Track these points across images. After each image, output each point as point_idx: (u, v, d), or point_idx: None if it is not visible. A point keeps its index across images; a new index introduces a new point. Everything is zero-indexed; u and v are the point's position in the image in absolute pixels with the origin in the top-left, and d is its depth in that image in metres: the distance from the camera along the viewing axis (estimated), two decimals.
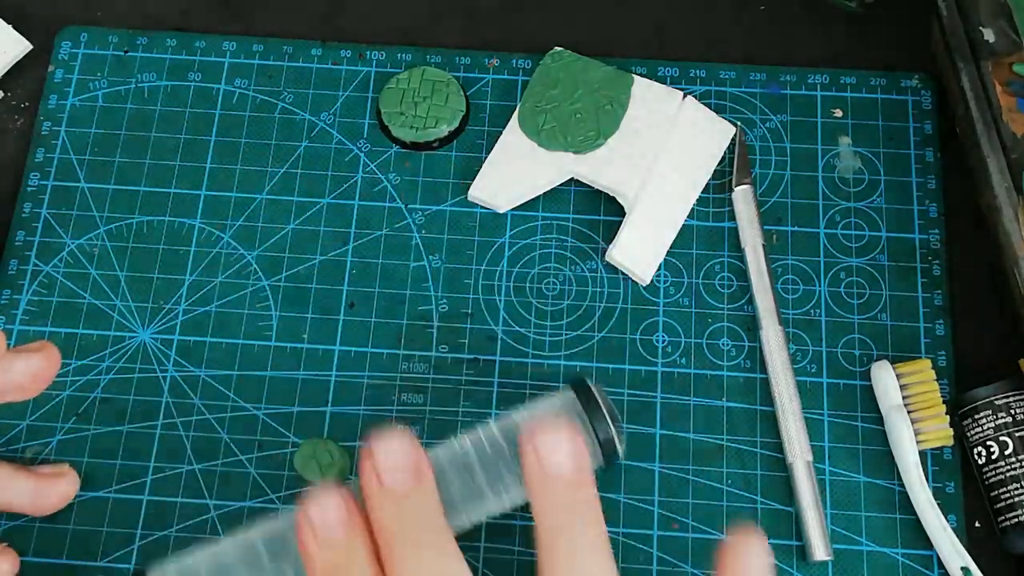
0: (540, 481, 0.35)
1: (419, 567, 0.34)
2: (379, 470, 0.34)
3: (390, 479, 0.34)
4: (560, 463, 0.34)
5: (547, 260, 0.47)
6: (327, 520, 0.34)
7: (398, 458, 0.35)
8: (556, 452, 0.34)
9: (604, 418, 0.39)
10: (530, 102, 0.48)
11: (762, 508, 0.43)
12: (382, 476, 0.34)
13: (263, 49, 0.50)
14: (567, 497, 0.34)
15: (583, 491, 0.35)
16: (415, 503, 0.35)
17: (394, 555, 0.34)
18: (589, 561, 0.34)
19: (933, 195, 0.47)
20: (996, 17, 0.45)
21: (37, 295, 0.46)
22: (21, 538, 0.42)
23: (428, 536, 0.34)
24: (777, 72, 0.49)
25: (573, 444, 0.35)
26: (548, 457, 0.34)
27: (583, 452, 0.35)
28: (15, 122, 0.50)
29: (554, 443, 0.35)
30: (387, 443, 0.35)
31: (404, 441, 0.35)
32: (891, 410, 0.43)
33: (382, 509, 0.34)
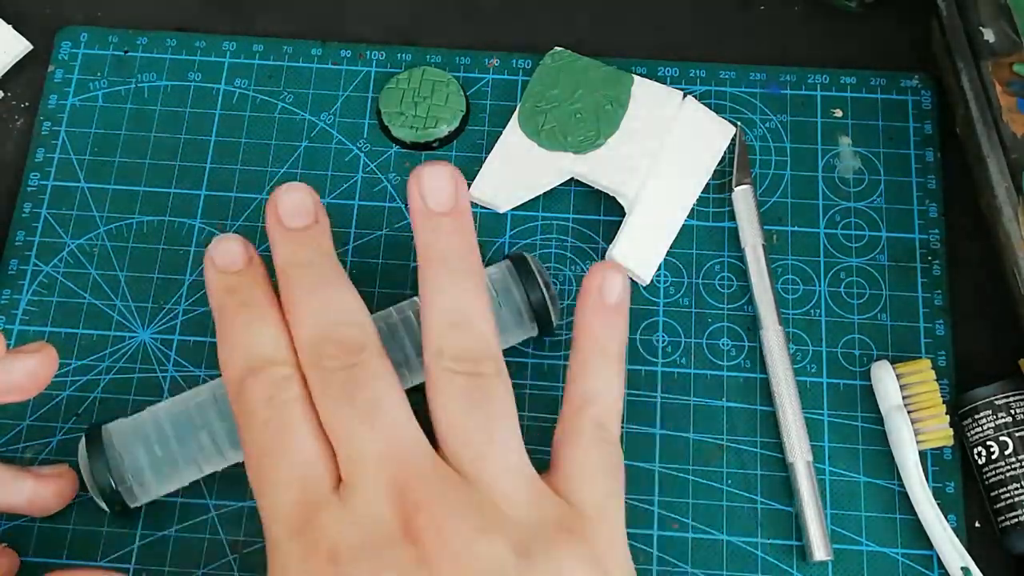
0: (423, 215, 0.37)
1: (312, 300, 0.36)
2: (279, 211, 0.38)
3: (288, 217, 0.38)
4: (442, 195, 0.37)
5: (547, 260, 0.47)
6: (227, 249, 0.38)
7: (297, 201, 0.38)
8: (438, 187, 0.37)
9: (538, 285, 0.41)
10: (530, 102, 0.48)
11: (762, 508, 0.43)
12: (281, 215, 0.38)
13: (263, 49, 0.50)
14: (447, 231, 0.37)
15: (464, 229, 0.38)
16: (310, 241, 0.38)
17: (290, 289, 0.37)
18: (463, 283, 0.37)
19: (933, 195, 0.47)
20: (996, 17, 0.45)
21: (37, 295, 0.46)
22: (21, 538, 0.42)
23: (321, 271, 0.37)
24: (777, 72, 0.49)
25: (455, 181, 0.38)
26: (430, 192, 0.37)
27: (465, 191, 0.38)
28: (15, 122, 0.50)
29: (436, 179, 0.38)
30: (287, 189, 0.38)
31: (303, 188, 0.38)
32: (891, 410, 0.43)
33: (279, 246, 0.38)
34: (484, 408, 0.35)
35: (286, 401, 0.35)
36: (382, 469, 0.34)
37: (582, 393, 0.37)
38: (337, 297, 0.37)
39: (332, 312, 0.36)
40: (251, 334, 0.36)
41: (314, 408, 0.35)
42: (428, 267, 0.37)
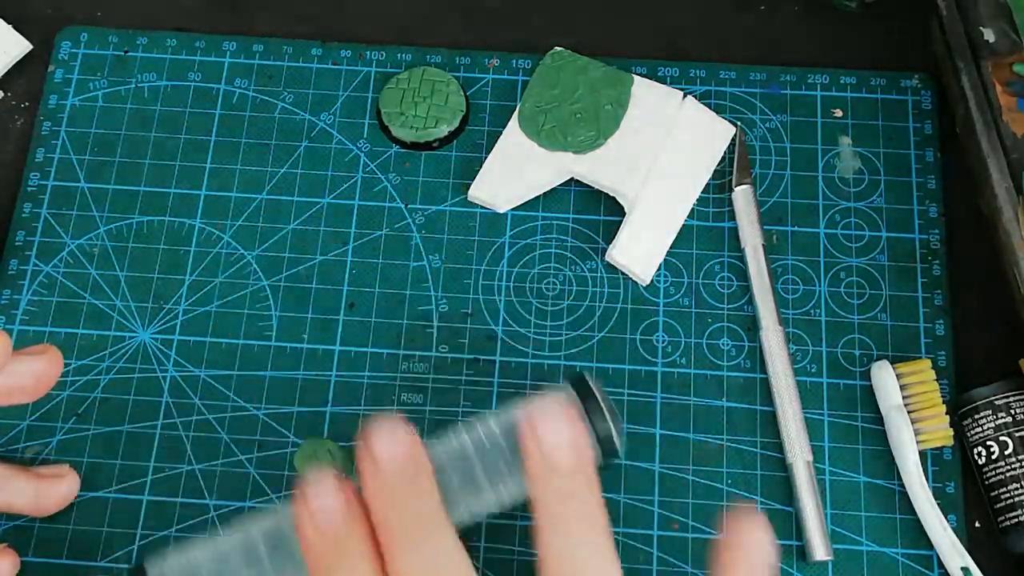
0: (541, 470, 0.34)
1: (420, 559, 0.33)
2: (376, 458, 0.34)
3: (387, 466, 0.34)
4: (561, 451, 0.34)
5: (547, 260, 0.47)
6: (325, 506, 0.34)
7: (395, 446, 0.34)
8: (557, 440, 0.34)
9: (603, 415, 0.38)
10: (530, 102, 0.48)
11: (762, 508, 0.43)
12: (379, 463, 0.34)
13: (263, 49, 0.50)
14: (567, 487, 0.34)
15: (583, 481, 0.34)
16: (414, 493, 0.34)
17: (394, 546, 0.33)
18: (589, 552, 0.33)
19: (933, 195, 0.47)
20: (996, 17, 0.45)
21: (37, 295, 0.46)
22: (21, 538, 0.42)
23: (428, 527, 0.34)
24: (777, 72, 0.49)
25: (573, 432, 0.34)
26: (549, 445, 0.34)
27: (583, 440, 0.34)
28: (15, 122, 0.50)
29: (554, 431, 0.34)
30: (383, 431, 0.34)
31: (400, 429, 0.34)
32: (891, 410, 0.43)
33: (381, 498, 0.34)
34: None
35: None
36: None
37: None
38: (443, 557, 0.34)
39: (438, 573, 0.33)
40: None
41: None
42: (550, 530, 0.34)
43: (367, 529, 0.34)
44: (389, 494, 0.34)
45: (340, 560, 0.34)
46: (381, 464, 0.34)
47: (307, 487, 0.34)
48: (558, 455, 0.34)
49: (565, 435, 0.34)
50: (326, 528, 0.34)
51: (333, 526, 0.34)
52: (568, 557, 0.33)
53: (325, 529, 0.34)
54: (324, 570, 0.34)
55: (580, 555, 0.33)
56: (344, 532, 0.34)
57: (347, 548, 0.34)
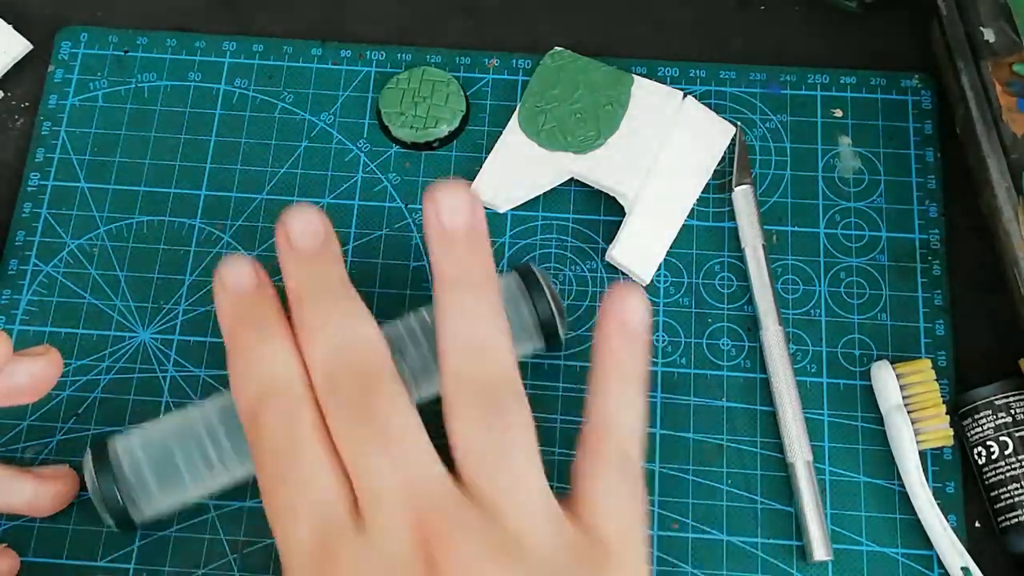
0: (438, 235, 0.37)
1: (325, 324, 0.36)
2: (289, 233, 0.37)
3: (299, 240, 0.37)
4: (458, 218, 0.36)
5: (547, 260, 0.47)
6: (237, 276, 0.37)
7: (307, 223, 0.37)
8: (455, 207, 0.37)
9: (545, 298, 0.41)
10: (530, 102, 0.48)
11: (762, 508, 0.43)
12: (291, 238, 0.37)
13: (263, 49, 0.50)
14: (464, 251, 0.36)
15: (481, 251, 0.37)
16: (322, 263, 0.37)
17: (303, 313, 0.36)
18: (481, 306, 0.36)
19: (933, 195, 0.47)
20: (996, 17, 0.45)
21: (37, 295, 0.46)
22: (21, 538, 0.42)
23: (334, 294, 0.36)
24: (777, 72, 0.49)
25: (472, 202, 0.37)
26: (446, 212, 0.36)
27: (482, 214, 0.37)
28: (15, 122, 0.50)
29: (453, 199, 0.37)
30: (298, 210, 0.37)
31: (313, 210, 0.38)
32: (891, 410, 0.43)
33: (291, 269, 0.37)
34: (504, 436, 0.34)
35: (300, 428, 0.34)
36: (400, 499, 0.33)
37: (604, 420, 0.36)
38: (350, 319, 0.36)
39: (346, 334, 0.35)
40: (263, 358, 0.36)
41: (329, 435, 0.34)
42: (443, 289, 0.36)
43: (278, 301, 0.37)
44: (299, 262, 0.37)
45: (252, 322, 0.36)
46: (293, 237, 0.37)
47: (223, 265, 0.38)
48: (454, 222, 0.36)
49: (463, 203, 0.37)
50: (238, 294, 0.37)
51: (245, 292, 0.37)
52: (462, 315, 0.35)
53: (237, 296, 0.37)
54: (237, 335, 0.37)
55: (472, 312, 0.36)
56: (255, 297, 0.37)
57: (258, 310, 0.37)
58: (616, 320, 0.37)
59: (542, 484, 0.34)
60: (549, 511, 0.34)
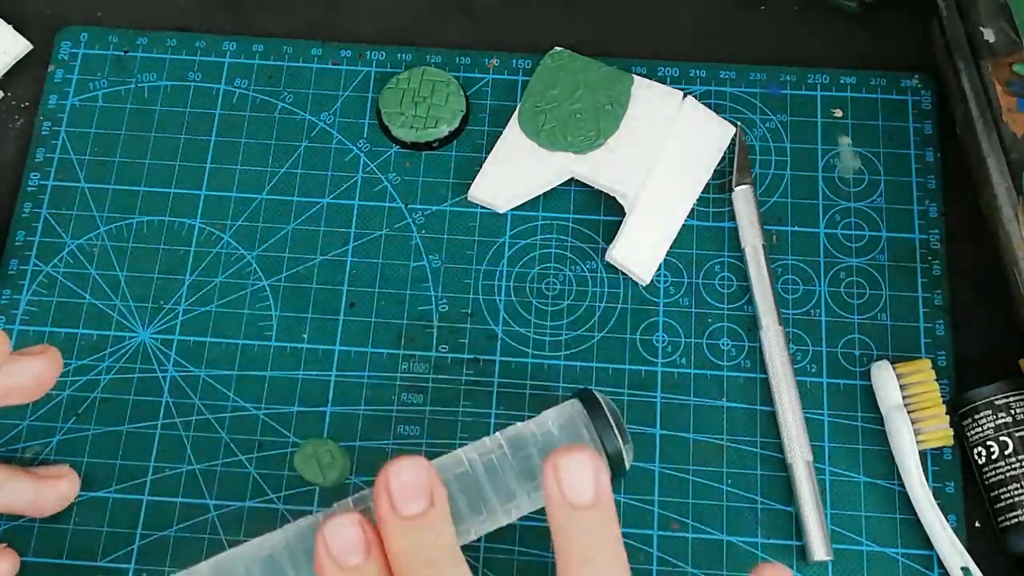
0: (562, 510, 0.34)
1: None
2: (392, 496, 0.34)
3: (403, 505, 0.34)
4: (583, 492, 0.34)
5: (547, 260, 0.47)
6: (344, 544, 0.34)
7: (412, 483, 0.34)
8: (579, 481, 0.34)
9: (612, 430, 0.39)
10: (530, 102, 0.48)
11: (762, 508, 0.43)
12: (395, 502, 0.34)
13: (263, 49, 0.50)
14: (589, 527, 0.34)
15: (605, 519, 0.34)
16: (428, 529, 0.34)
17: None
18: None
19: (933, 195, 0.47)
20: (996, 17, 0.45)
21: (37, 295, 0.46)
22: (21, 538, 0.42)
23: (441, 562, 0.34)
24: (777, 72, 0.49)
25: (595, 472, 0.34)
26: (571, 486, 0.34)
27: (605, 479, 0.34)
28: (15, 122, 0.50)
29: (578, 471, 0.34)
30: (400, 467, 0.34)
31: (418, 464, 0.34)
32: (891, 410, 0.43)
33: (395, 534, 0.34)
34: None
35: None
36: None
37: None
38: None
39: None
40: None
41: None
42: (570, 567, 0.34)
43: (384, 563, 0.34)
44: (404, 528, 0.34)
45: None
46: (397, 501, 0.34)
47: (328, 522, 0.34)
48: (580, 496, 0.34)
49: (587, 475, 0.34)
50: (345, 565, 0.34)
51: (351, 563, 0.34)
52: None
53: (344, 566, 0.34)
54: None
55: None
56: (362, 568, 0.34)
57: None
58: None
59: None
60: None
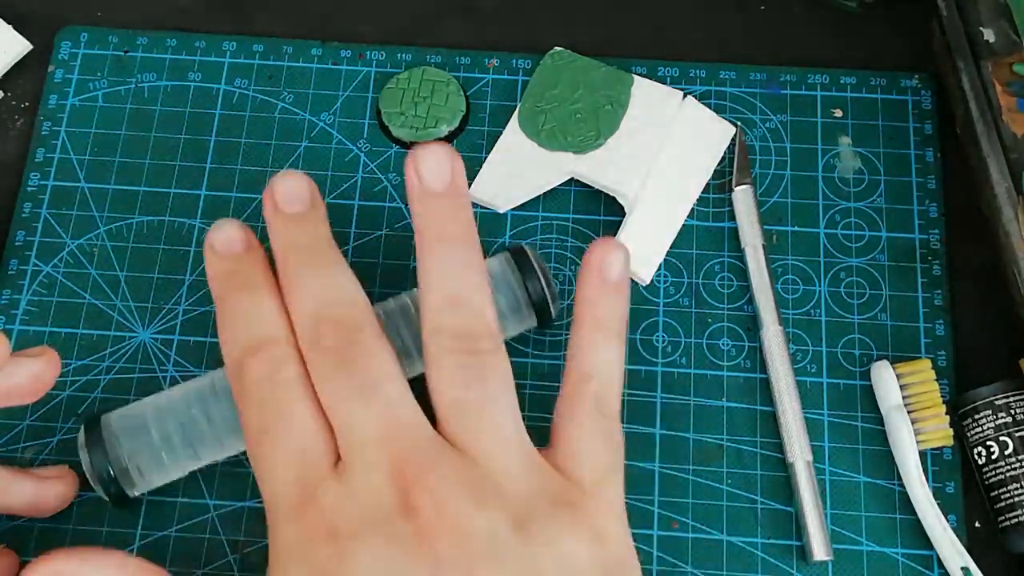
0: (419, 195, 0.38)
1: (310, 280, 0.37)
2: (276, 197, 0.38)
3: (285, 203, 0.38)
4: (439, 177, 0.37)
5: (547, 260, 0.47)
6: (225, 236, 0.38)
7: (293, 187, 0.38)
8: (436, 168, 0.37)
9: (537, 277, 0.41)
10: (530, 102, 0.48)
11: (762, 508, 0.43)
12: (278, 201, 0.38)
13: (263, 49, 0.50)
14: (443, 209, 0.37)
15: (460, 204, 0.38)
16: (307, 225, 0.38)
17: (288, 272, 0.37)
18: (462, 263, 0.37)
19: (933, 195, 0.47)
20: (996, 17, 0.45)
21: (37, 295, 0.46)
22: (21, 538, 0.42)
23: (319, 254, 0.38)
24: (777, 72, 0.49)
25: (451, 162, 0.38)
26: (428, 173, 0.37)
27: (460, 170, 0.38)
28: (15, 122, 0.50)
29: (434, 160, 0.37)
30: (284, 176, 0.39)
31: (299, 175, 0.39)
32: (891, 410, 0.43)
33: (277, 230, 0.38)
34: (482, 384, 0.35)
35: (284, 380, 0.36)
36: (380, 446, 0.34)
37: (582, 369, 0.37)
38: (334, 278, 0.37)
39: (329, 293, 0.37)
40: (250, 315, 0.37)
41: (313, 388, 0.36)
42: (425, 246, 0.37)
43: (266, 261, 0.38)
44: (284, 224, 0.38)
45: (240, 282, 0.38)
46: (279, 201, 0.38)
47: (212, 229, 0.39)
48: (435, 182, 0.37)
49: (443, 162, 0.38)
50: (227, 256, 0.38)
51: (234, 254, 0.38)
52: (442, 270, 0.37)
53: (227, 257, 0.38)
54: (226, 294, 0.38)
55: (453, 266, 0.37)
56: (243, 257, 0.38)
57: (246, 271, 0.38)
58: (595, 272, 0.38)
59: (519, 431, 0.36)
60: (526, 456, 0.35)
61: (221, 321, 0.38)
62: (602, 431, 0.36)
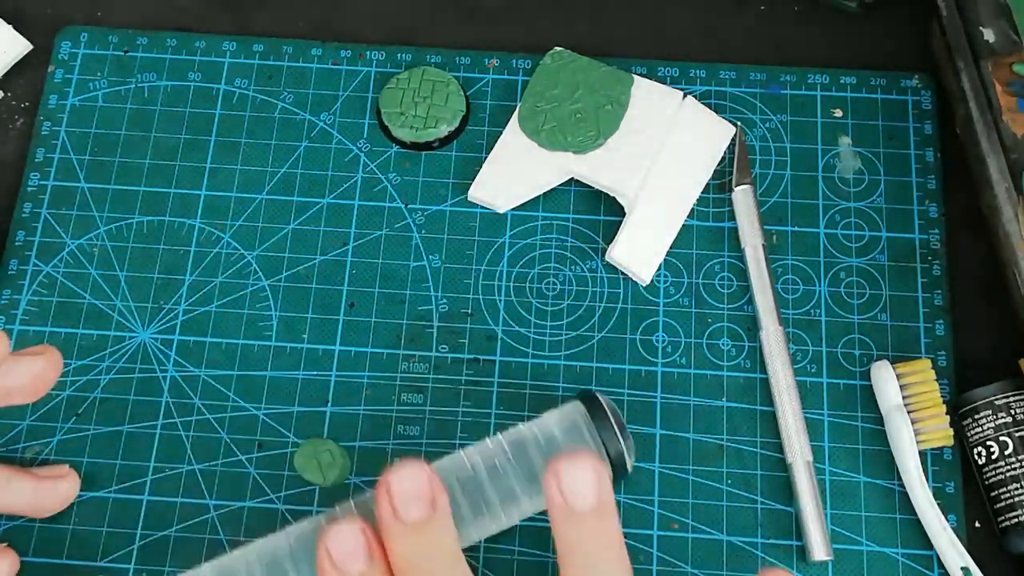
0: (564, 516, 0.34)
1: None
2: (395, 501, 0.34)
3: (405, 511, 0.34)
4: (585, 498, 0.34)
5: (547, 260, 0.47)
6: (347, 550, 0.34)
7: (414, 488, 0.34)
8: (582, 486, 0.34)
9: (614, 432, 0.39)
10: (530, 102, 0.48)
11: (762, 508, 0.43)
12: (397, 507, 0.34)
13: (263, 49, 0.50)
14: (591, 533, 0.34)
15: (608, 525, 0.34)
16: (430, 534, 0.34)
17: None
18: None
19: (933, 195, 0.47)
20: (996, 17, 0.45)
21: (37, 295, 0.46)
22: (21, 538, 0.42)
23: (444, 567, 0.34)
24: (777, 72, 0.49)
25: (598, 478, 0.34)
26: (573, 492, 0.34)
27: (607, 484, 0.34)
28: (15, 122, 0.50)
29: (580, 477, 0.34)
30: (402, 472, 0.34)
31: (419, 470, 0.34)
32: (891, 410, 0.43)
33: (398, 540, 0.34)
34: None
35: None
36: None
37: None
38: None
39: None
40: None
41: None
42: (573, 572, 0.34)
43: (386, 569, 0.34)
44: (406, 534, 0.34)
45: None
46: (399, 506, 0.34)
47: (329, 528, 0.34)
48: (583, 502, 0.34)
49: (590, 481, 0.34)
50: (347, 569, 0.34)
51: (353, 570, 0.34)
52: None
53: (346, 570, 0.34)
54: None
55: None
56: (365, 574, 0.34)
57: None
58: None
59: None
60: None
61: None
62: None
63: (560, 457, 0.34)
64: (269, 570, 0.36)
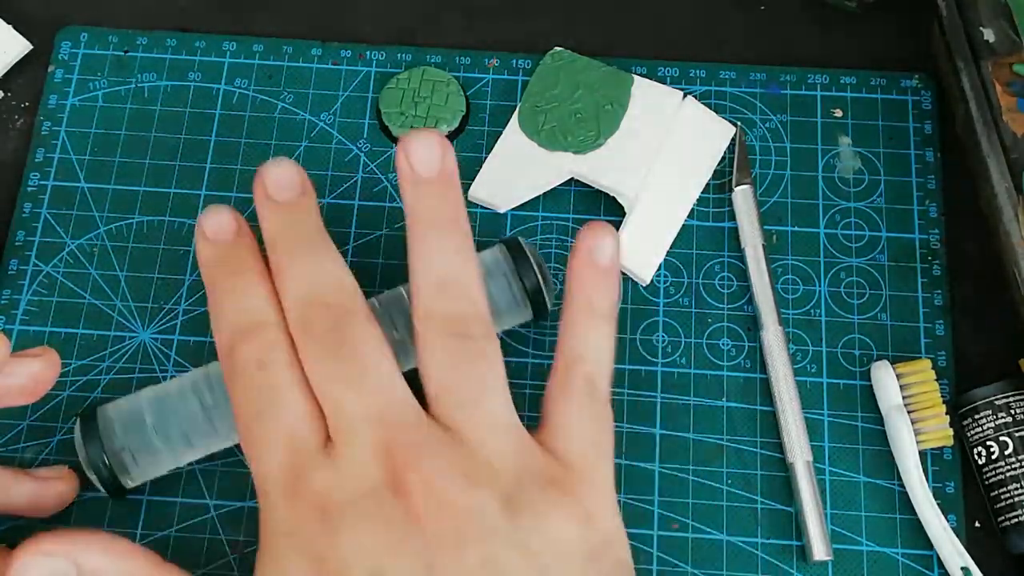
0: (410, 181, 0.38)
1: (300, 267, 0.37)
2: (266, 184, 0.38)
3: (275, 191, 0.38)
4: (430, 165, 0.38)
5: (547, 260, 0.47)
6: (217, 223, 0.39)
7: (284, 175, 0.39)
8: (425, 154, 0.38)
9: (532, 268, 0.41)
10: (530, 102, 0.48)
11: (762, 508, 0.43)
12: (268, 189, 0.38)
13: (263, 49, 0.50)
14: (434, 197, 0.38)
15: (450, 195, 0.38)
16: (297, 212, 0.38)
17: (278, 257, 0.38)
18: (450, 245, 0.37)
19: (933, 195, 0.47)
20: (996, 17, 0.45)
21: (37, 295, 0.46)
22: (21, 538, 0.42)
23: (309, 241, 0.38)
24: (777, 72, 0.49)
25: (442, 149, 0.38)
26: (419, 159, 0.38)
27: (452, 158, 0.38)
28: (15, 122, 0.50)
29: (426, 145, 0.38)
30: (274, 163, 0.39)
31: (289, 163, 0.39)
32: (891, 410, 0.43)
33: (267, 218, 0.38)
34: (472, 367, 0.36)
35: (275, 363, 0.36)
36: (370, 427, 0.34)
37: (572, 351, 0.37)
38: (324, 264, 0.37)
39: (319, 277, 0.37)
40: (240, 300, 0.37)
41: (303, 370, 0.36)
42: (415, 231, 0.37)
43: (256, 249, 0.39)
44: (274, 212, 0.38)
45: (230, 267, 0.38)
46: (270, 188, 0.38)
47: (203, 215, 0.39)
48: (426, 168, 0.38)
49: (434, 149, 0.38)
50: (218, 242, 0.38)
51: (225, 239, 0.39)
52: (433, 255, 0.37)
53: (217, 243, 0.38)
54: (216, 279, 0.38)
55: (443, 252, 0.37)
56: (234, 244, 0.39)
57: (237, 256, 0.38)
58: (586, 256, 0.38)
59: (510, 413, 0.36)
60: (516, 437, 0.35)
61: (212, 306, 0.38)
62: (593, 413, 0.37)
63: (409, 132, 0.38)
64: (193, 388, 0.40)
